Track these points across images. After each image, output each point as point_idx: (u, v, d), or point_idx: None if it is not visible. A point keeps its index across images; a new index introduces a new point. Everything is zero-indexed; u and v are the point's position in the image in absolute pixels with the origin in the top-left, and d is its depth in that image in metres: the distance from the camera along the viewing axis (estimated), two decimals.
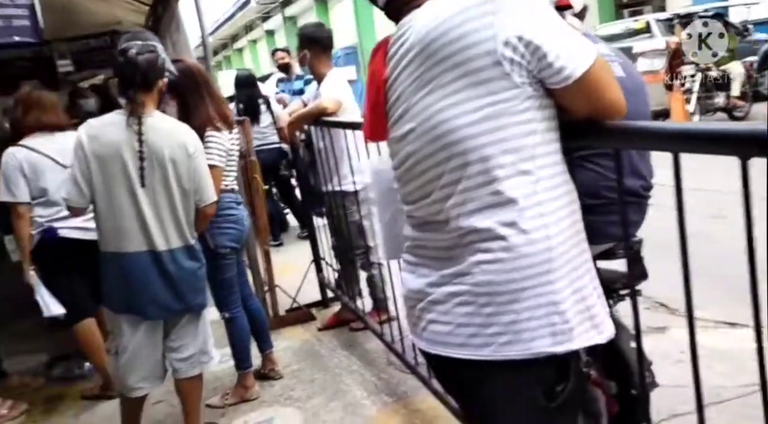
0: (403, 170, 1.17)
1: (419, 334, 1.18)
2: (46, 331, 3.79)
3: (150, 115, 2.19)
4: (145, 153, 2.15)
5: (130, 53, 2.13)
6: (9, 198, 2.69)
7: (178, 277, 2.24)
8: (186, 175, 2.22)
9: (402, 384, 2.72)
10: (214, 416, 2.65)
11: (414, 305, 1.18)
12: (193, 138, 2.30)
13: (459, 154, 1.04)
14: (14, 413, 2.90)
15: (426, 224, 1.16)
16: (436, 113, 1.05)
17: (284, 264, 4.25)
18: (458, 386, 1.20)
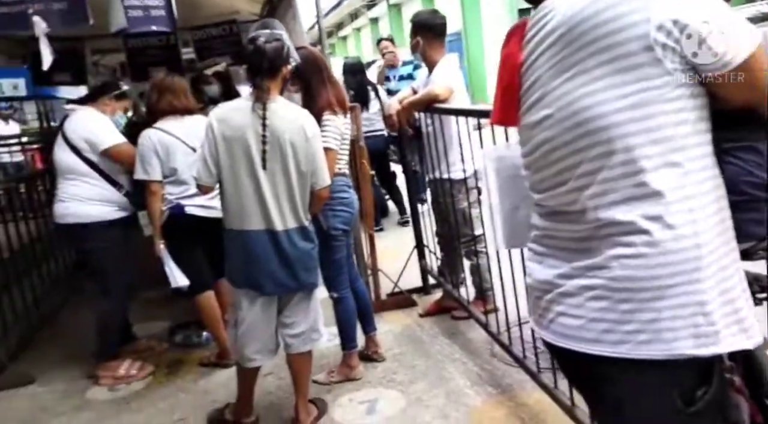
0: (535, 158, 1.13)
1: (546, 326, 1.14)
2: (168, 300, 4.13)
3: (274, 101, 2.29)
4: (268, 137, 2.25)
5: (259, 42, 2.23)
6: (144, 176, 2.91)
7: (293, 256, 2.34)
8: (304, 159, 2.31)
9: (507, 376, 2.68)
10: (321, 392, 2.75)
11: (540, 296, 1.15)
12: (312, 123, 2.38)
13: (602, 143, 0.99)
14: (142, 373, 3.16)
15: (557, 213, 1.12)
16: (577, 99, 1.00)
17: (384, 249, 4.30)
18: (586, 381, 1.16)
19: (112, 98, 3.24)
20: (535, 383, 2.43)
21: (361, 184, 3.45)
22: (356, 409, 2.60)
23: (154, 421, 2.71)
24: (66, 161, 3.07)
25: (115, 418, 2.78)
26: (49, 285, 4.36)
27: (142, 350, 3.45)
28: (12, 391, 3.16)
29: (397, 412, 2.54)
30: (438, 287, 3.74)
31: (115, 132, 3.13)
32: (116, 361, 3.16)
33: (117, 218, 3.11)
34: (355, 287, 2.93)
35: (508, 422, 2.35)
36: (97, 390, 3.08)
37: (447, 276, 3.45)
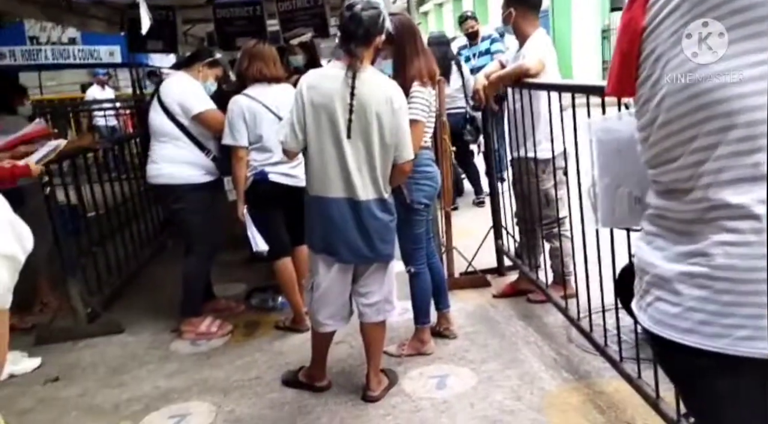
0: (650, 132, 1.06)
1: (644, 308, 1.09)
2: (246, 264, 4.29)
3: (364, 71, 2.28)
4: (355, 106, 2.25)
5: (356, 8, 2.22)
6: (231, 141, 3.00)
7: (372, 226, 2.34)
8: (388, 131, 2.29)
9: (584, 363, 2.61)
10: (391, 364, 2.77)
11: (642, 276, 1.09)
12: (400, 95, 2.35)
13: (720, 116, 0.90)
14: (222, 332, 3.31)
15: (669, 191, 1.05)
16: (698, 68, 0.92)
17: (458, 228, 4.25)
18: (680, 372, 1.10)
19: (205, 65, 3.34)
20: (614, 372, 2.35)
21: (441, 160, 3.41)
22: (426, 383, 2.61)
23: (233, 377, 2.83)
24: (160, 124, 3.21)
25: (197, 371, 2.92)
26: (138, 242, 4.62)
27: (222, 309, 3.60)
28: (104, 338, 3.39)
29: (467, 389, 2.52)
30: (513, 268, 3.67)
31: (205, 98, 3.23)
32: (198, 317, 3.32)
33: (204, 181, 3.23)
34: (431, 262, 2.92)
35: (584, 408, 2.29)
36: (180, 343, 3.25)
37: (525, 258, 3.37)
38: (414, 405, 2.45)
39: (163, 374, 2.92)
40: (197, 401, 2.64)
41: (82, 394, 2.80)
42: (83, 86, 12.37)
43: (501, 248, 3.77)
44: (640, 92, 1.06)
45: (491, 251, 3.81)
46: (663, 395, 1.98)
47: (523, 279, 3.43)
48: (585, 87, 2.10)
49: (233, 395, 2.66)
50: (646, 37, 1.02)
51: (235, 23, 6.10)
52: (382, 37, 2.32)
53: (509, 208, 3.63)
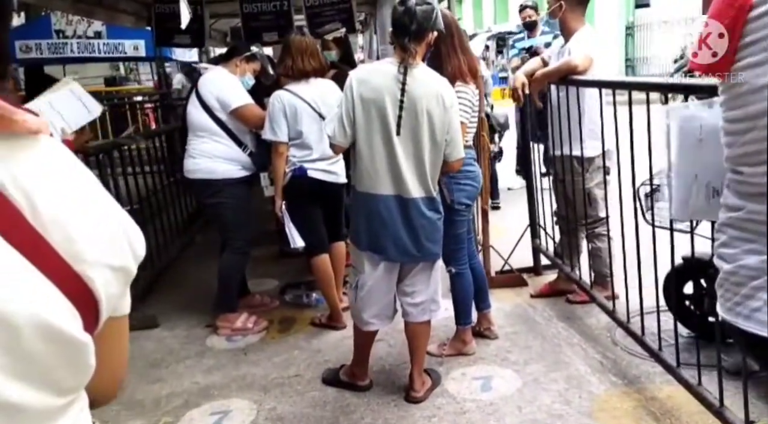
0: (749, 126, 1.00)
1: (748, 314, 1.04)
2: (279, 260, 4.27)
3: (416, 67, 2.24)
4: (405, 103, 2.21)
5: (410, 3, 2.17)
6: (272, 137, 2.97)
7: (419, 225, 2.30)
8: (439, 129, 2.25)
9: (633, 367, 2.55)
10: (432, 364, 2.73)
11: (744, 282, 1.04)
12: (451, 92, 2.31)
13: None
14: (258, 328, 3.28)
15: (760, 195, 1.00)
16: None
17: (493, 226, 4.20)
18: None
19: (243, 60, 3.31)
20: (665, 377, 2.30)
21: (481, 159, 3.36)
22: (471, 384, 2.57)
23: (272, 374, 2.80)
24: (198, 119, 3.19)
25: (235, 367, 2.90)
26: (169, 235, 4.62)
27: (256, 305, 3.58)
28: (140, 332, 3.38)
29: (513, 391, 2.48)
30: (550, 268, 3.61)
31: (243, 93, 3.21)
32: (234, 313, 3.30)
33: (240, 176, 3.21)
34: (472, 263, 2.87)
35: (636, 414, 2.23)
36: (216, 339, 3.24)
37: (565, 258, 3.31)
38: (459, 407, 2.41)
39: (201, 370, 2.91)
40: (237, 398, 2.62)
41: (123, 388, 2.80)
42: (106, 79, 12.46)
43: (538, 247, 3.71)
44: (738, 78, 1.00)
45: (527, 249, 3.76)
46: (727, 403, 1.92)
47: (561, 279, 3.37)
48: (643, 84, 2.04)
49: (273, 393, 2.64)
50: (753, 19, 0.95)
51: (262, 18, 6.08)
52: (434, 34, 2.27)
53: (548, 206, 3.58)
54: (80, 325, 0.60)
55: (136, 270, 0.67)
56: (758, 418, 1.92)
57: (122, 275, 0.65)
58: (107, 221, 0.64)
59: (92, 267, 0.60)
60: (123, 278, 0.65)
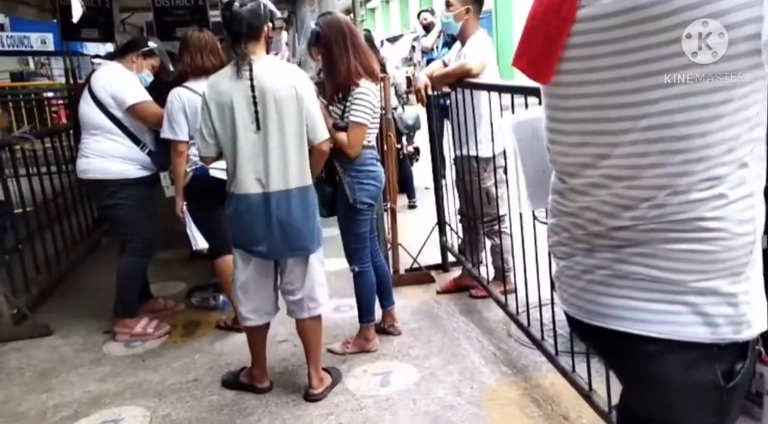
0: (576, 140, 1.05)
1: (581, 306, 1.11)
2: (186, 262, 4.16)
3: (259, 61, 2.26)
4: (258, 97, 2.23)
5: (234, 7, 2.21)
6: (171, 136, 2.89)
7: (285, 220, 2.30)
8: (297, 116, 2.27)
9: (522, 358, 2.67)
10: (336, 362, 2.75)
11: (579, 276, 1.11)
12: (302, 77, 2.34)
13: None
14: (159, 332, 3.19)
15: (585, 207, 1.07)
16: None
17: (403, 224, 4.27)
18: (623, 358, 1.11)
19: (140, 55, 3.21)
20: (549, 366, 2.42)
21: (386, 158, 3.41)
22: (370, 380, 2.60)
23: (170, 379, 2.73)
24: (91, 116, 3.06)
25: (131, 374, 2.81)
26: (69, 240, 4.41)
27: (159, 309, 3.48)
28: (31, 341, 3.21)
29: (410, 385, 2.54)
30: (457, 264, 3.71)
31: (140, 89, 3.11)
32: (133, 318, 3.19)
33: (139, 176, 3.11)
34: (375, 261, 2.91)
35: (522, 402, 2.34)
36: (114, 345, 3.12)
37: (467, 255, 3.42)
38: (357, 403, 2.44)
39: (94, 378, 2.80)
40: (130, 405, 2.54)
41: (6, 400, 2.65)
42: (12, 75, 11.71)
43: (445, 245, 3.81)
44: (560, 91, 1.01)
45: (436, 247, 3.85)
46: (595, 388, 2.05)
47: (465, 275, 3.48)
48: (525, 88, 2.13)
49: (169, 399, 2.57)
50: (577, 34, 0.96)
51: (175, 13, 5.91)
52: (271, 24, 2.32)
53: (452, 205, 3.68)
54: None
55: None
56: None
57: None
58: None
59: None
60: None
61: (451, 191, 3.69)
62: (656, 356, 1.00)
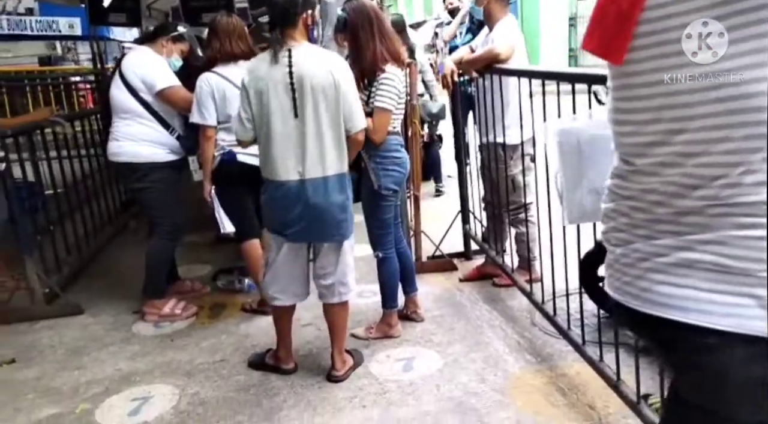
0: (646, 117, 1.02)
1: (636, 294, 1.08)
2: (213, 245, 4.23)
3: (299, 48, 2.26)
4: (296, 84, 2.24)
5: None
6: (200, 120, 2.92)
7: (321, 206, 2.32)
8: (334, 104, 2.27)
9: (547, 346, 2.66)
10: (359, 347, 2.78)
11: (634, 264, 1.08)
12: (340, 64, 2.34)
13: (756, 124, 0.89)
14: (186, 313, 3.25)
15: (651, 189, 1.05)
16: (722, 71, 0.88)
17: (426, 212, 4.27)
18: (681, 351, 1.10)
19: (170, 40, 3.23)
20: (576, 355, 2.41)
21: (410, 145, 3.40)
22: (393, 365, 2.63)
23: (197, 359, 2.79)
24: (122, 100, 3.11)
25: (160, 353, 2.87)
26: (98, 222, 4.49)
27: (186, 291, 3.54)
28: (63, 320, 3.30)
29: (433, 371, 2.55)
30: (480, 252, 3.71)
31: (170, 74, 3.14)
32: (162, 299, 3.25)
33: (168, 160, 3.15)
34: (399, 247, 2.92)
35: (546, 390, 2.34)
36: (143, 325, 3.19)
37: (491, 243, 3.41)
38: (380, 387, 2.47)
39: (124, 356, 2.87)
40: (160, 383, 2.60)
41: (40, 376, 2.73)
42: (41, 59, 11.90)
43: (468, 233, 3.80)
44: (631, 68, 0.98)
45: (459, 235, 3.85)
46: (624, 378, 2.04)
47: (488, 263, 3.47)
48: (555, 73, 2.11)
49: (198, 378, 2.63)
50: (651, 8, 0.92)
51: None
52: (311, 11, 2.31)
53: (477, 193, 3.67)
54: None
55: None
56: (653, 392, 2.04)
57: None
58: None
59: None
60: None
61: (474, 179, 3.67)
62: (717, 348, 0.98)
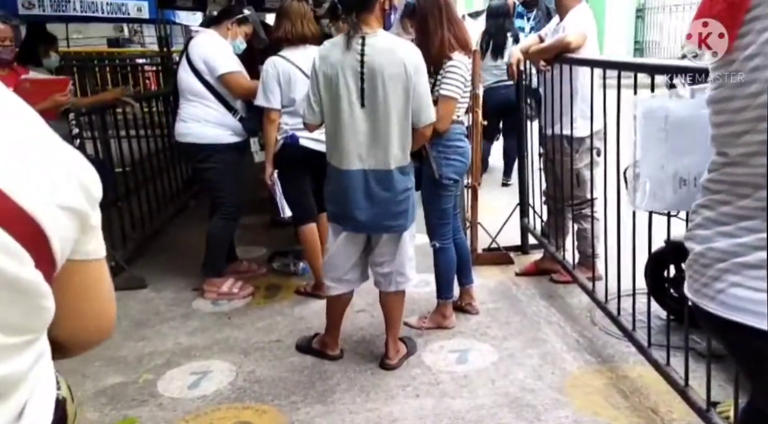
0: (738, 104, 0.97)
1: (713, 296, 1.03)
2: (268, 227, 4.30)
3: (374, 35, 2.22)
4: (366, 74, 2.20)
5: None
6: (265, 103, 2.96)
7: (382, 197, 2.30)
8: (404, 96, 2.23)
9: (608, 347, 2.58)
10: (413, 336, 2.76)
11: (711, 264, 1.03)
12: (414, 56, 2.28)
13: None
14: (243, 293, 3.32)
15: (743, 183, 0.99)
16: None
17: (483, 204, 4.20)
18: (758, 357, 1.04)
19: (235, 23, 3.28)
20: (638, 357, 2.34)
21: (473, 135, 3.35)
22: (447, 357, 2.60)
23: (254, 338, 2.85)
24: (188, 82, 3.17)
25: (218, 330, 2.95)
26: (162, 200, 4.64)
27: (244, 271, 3.61)
28: (127, 292, 3.42)
29: (488, 365, 2.52)
30: (537, 247, 3.63)
31: (232, 59, 3.18)
32: (221, 278, 3.33)
33: (231, 142, 3.21)
34: (456, 238, 2.89)
35: (606, 391, 2.27)
36: (202, 302, 3.28)
37: (551, 238, 3.33)
38: (434, 378, 2.45)
39: (184, 332, 2.95)
40: (218, 359, 2.67)
41: (106, 346, 2.83)
42: (109, 41, 12.35)
43: (526, 226, 3.73)
44: (732, 56, 0.96)
45: (515, 228, 3.77)
46: (692, 384, 1.95)
47: (546, 258, 3.39)
48: (631, 64, 2.02)
49: (253, 356, 2.68)
50: (760, 1, 0.90)
51: None
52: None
53: (537, 186, 3.58)
54: (29, 264, 0.60)
55: (94, 212, 0.68)
56: (723, 400, 1.95)
57: (74, 214, 0.65)
58: (51, 162, 0.64)
59: (36, 204, 0.61)
60: (76, 218, 0.65)
61: (536, 172, 3.58)
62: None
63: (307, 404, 2.31)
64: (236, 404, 2.34)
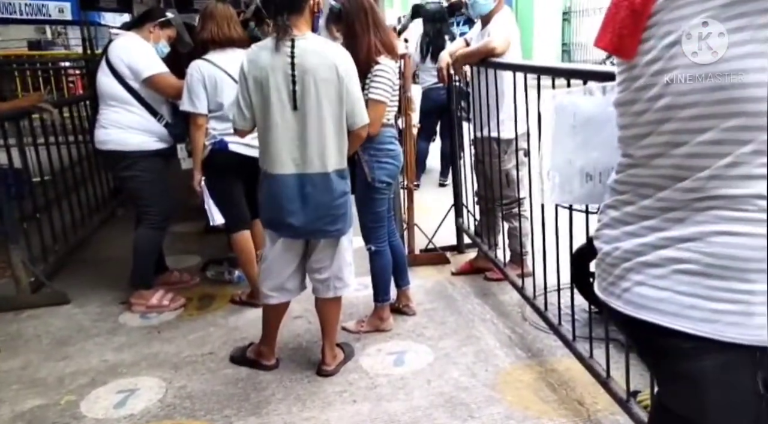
0: (643, 108, 1.00)
1: (617, 294, 1.07)
2: (201, 236, 4.18)
3: (303, 38, 2.20)
4: (297, 76, 2.18)
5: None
6: (190, 108, 2.87)
7: (318, 202, 2.27)
8: (337, 98, 2.22)
9: (537, 341, 2.65)
10: (350, 341, 2.75)
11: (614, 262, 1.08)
12: (345, 59, 2.27)
13: (747, 115, 0.89)
14: (174, 305, 3.21)
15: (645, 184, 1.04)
16: (720, 62, 0.89)
17: (419, 205, 4.24)
18: (659, 354, 1.09)
19: (157, 26, 3.17)
20: (566, 350, 2.40)
21: (405, 137, 3.37)
22: (384, 359, 2.61)
23: (185, 352, 2.76)
24: (109, 87, 3.04)
25: (146, 345, 2.83)
26: (86, 210, 4.43)
27: (174, 282, 3.50)
28: (48, 309, 3.25)
29: (424, 366, 2.54)
30: (472, 246, 3.69)
31: (157, 60, 3.08)
32: (149, 290, 3.21)
33: (156, 148, 3.10)
34: (392, 240, 2.89)
35: (536, 385, 2.33)
36: (129, 316, 3.15)
37: (483, 237, 3.40)
38: (371, 382, 2.45)
39: (110, 348, 2.83)
40: (146, 376, 2.57)
41: (24, 367, 2.68)
42: (30, 43, 11.71)
43: (461, 226, 3.79)
44: (635, 61, 0.99)
45: (452, 228, 3.83)
46: (613, 375, 2.03)
47: (481, 257, 3.46)
48: (552, 69, 2.09)
49: (185, 371, 2.60)
50: (660, 8, 0.94)
51: None
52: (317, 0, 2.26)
53: (470, 186, 3.64)
54: None
55: None
56: (642, 389, 2.04)
57: None
58: None
59: None
60: None
61: (468, 173, 3.65)
62: (693, 354, 0.97)
63: (241, 418, 2.25)
64: (165, 421, 2.26)
